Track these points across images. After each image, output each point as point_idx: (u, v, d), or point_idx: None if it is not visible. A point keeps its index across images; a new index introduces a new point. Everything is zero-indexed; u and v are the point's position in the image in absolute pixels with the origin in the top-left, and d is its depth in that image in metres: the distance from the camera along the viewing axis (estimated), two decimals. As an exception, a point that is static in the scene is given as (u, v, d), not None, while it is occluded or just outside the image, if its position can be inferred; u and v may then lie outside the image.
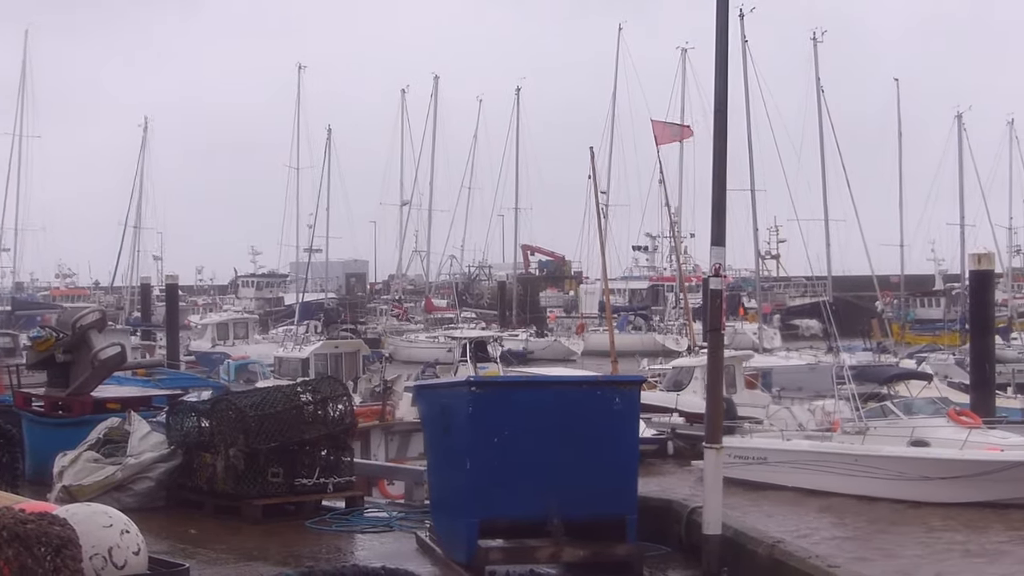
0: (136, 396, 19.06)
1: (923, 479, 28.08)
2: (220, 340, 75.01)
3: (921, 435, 29.22)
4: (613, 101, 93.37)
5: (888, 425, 30.15)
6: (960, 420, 29.54)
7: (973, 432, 28.78)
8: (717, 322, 13.49)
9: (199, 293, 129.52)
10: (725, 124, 13.49)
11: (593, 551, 12.08)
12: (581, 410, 12.30)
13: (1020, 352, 63.03)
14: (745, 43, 62.99)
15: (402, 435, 31.65)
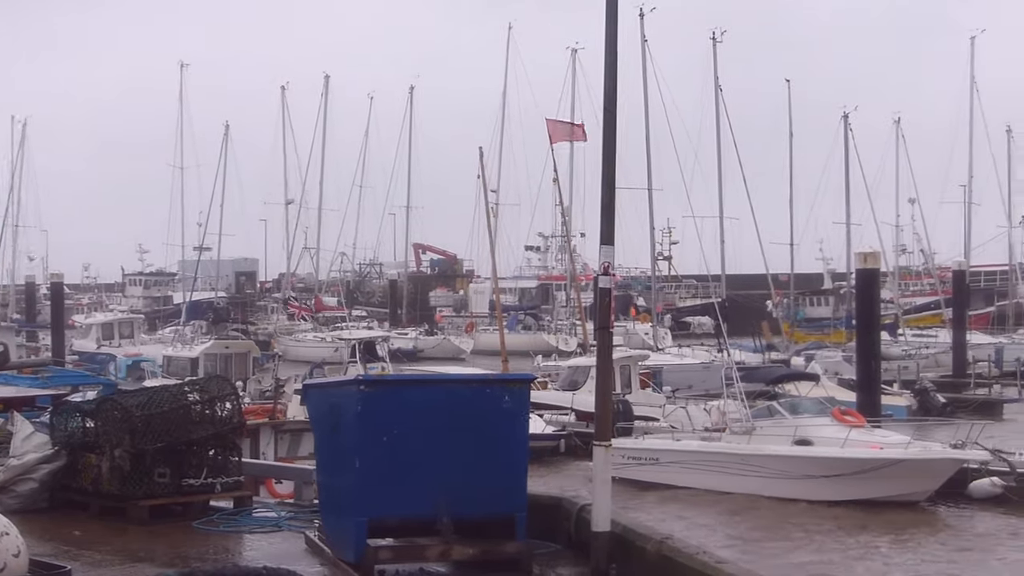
0: (19, 396, 18.77)
1: (806, 477, 28.46)
2: (105, 340, 73.93)
3: (805, 434, 29.59)
4: (503, 100, 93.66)
5: (774, 425, 30.51)
6: (843, 419, 29.95)
7: (856, 431, 29.18)
8: (606, 321, 13.56)
9: (85, 291, 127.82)
10: (614, 124, 13.55)
11: (483, 549, 12.09)
12: (471, 408, 12.31)
13: (905, 349, 64.19)
14: (645, 43, 63.32)
15: (292, 434, 31.44)
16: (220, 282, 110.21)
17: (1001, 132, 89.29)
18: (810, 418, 30.24)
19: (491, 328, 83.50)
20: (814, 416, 30.36)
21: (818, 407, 31.05)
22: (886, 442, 29.04)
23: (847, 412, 30.79)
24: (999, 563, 23.40)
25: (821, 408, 30.88)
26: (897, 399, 44.30)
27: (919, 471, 27.84)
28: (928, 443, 29.22)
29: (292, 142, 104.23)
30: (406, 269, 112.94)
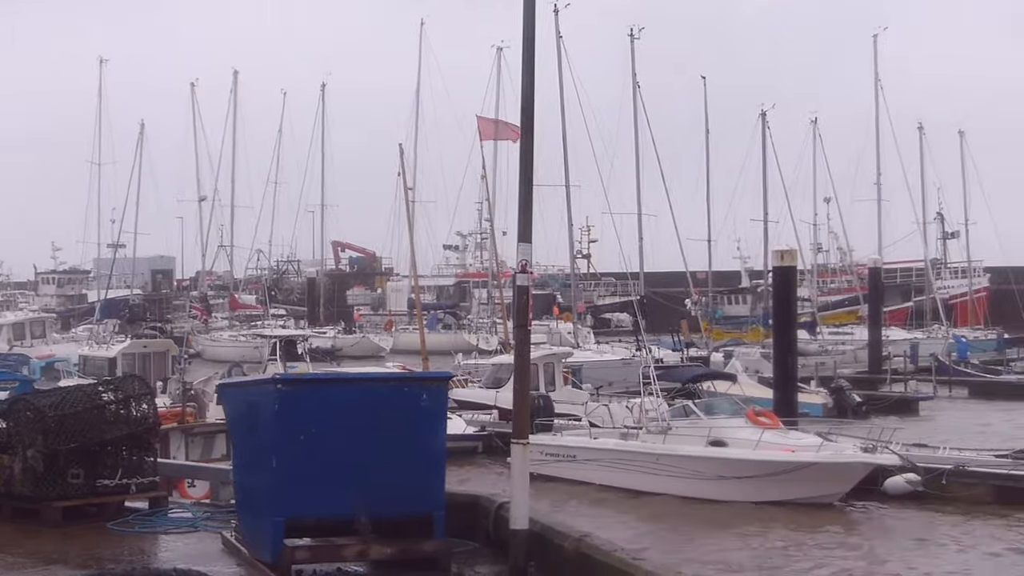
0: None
1: (719, 478, 28.62)
2: (17, 341, 72.86)
3: (720, 435, 29.73)
4: (417, 97, 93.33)
5: (690, 425, 30.63)
6: (758, 420, 30.11)
7: (769, 432, 29.35)
8: (524, 319, 13.55)
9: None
10: (532, 122, 13.56)
11: (401, 548, 12.06)
12: (389, 407, 12.27)
13: (822, 346, 64.83)
14: (560, 39, 63.38)
15: (205, 437, 31.14)
16: (136, 280, 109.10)
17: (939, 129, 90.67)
18: (725, 419, 30.39)
19: (411, 327, 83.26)
20: (729, 417, 30.52)
21: (733, 408, 31.21)
22: (799, 444, 29.24)
23: (761, 413, 30.97)
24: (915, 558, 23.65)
25: (736, 409, 31.03)
26: (813, 397, 44.65)
27: (830, 474, 28.08)
28: (840, 446, 29.44)
29: (204, 139, 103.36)
30: (323, 267, 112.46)
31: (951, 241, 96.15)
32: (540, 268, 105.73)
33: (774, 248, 49.17)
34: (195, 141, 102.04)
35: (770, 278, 69.18)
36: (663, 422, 30.68)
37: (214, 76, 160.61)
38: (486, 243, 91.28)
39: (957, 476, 28.41)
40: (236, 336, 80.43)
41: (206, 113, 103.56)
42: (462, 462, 31.83)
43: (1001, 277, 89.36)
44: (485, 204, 78.70)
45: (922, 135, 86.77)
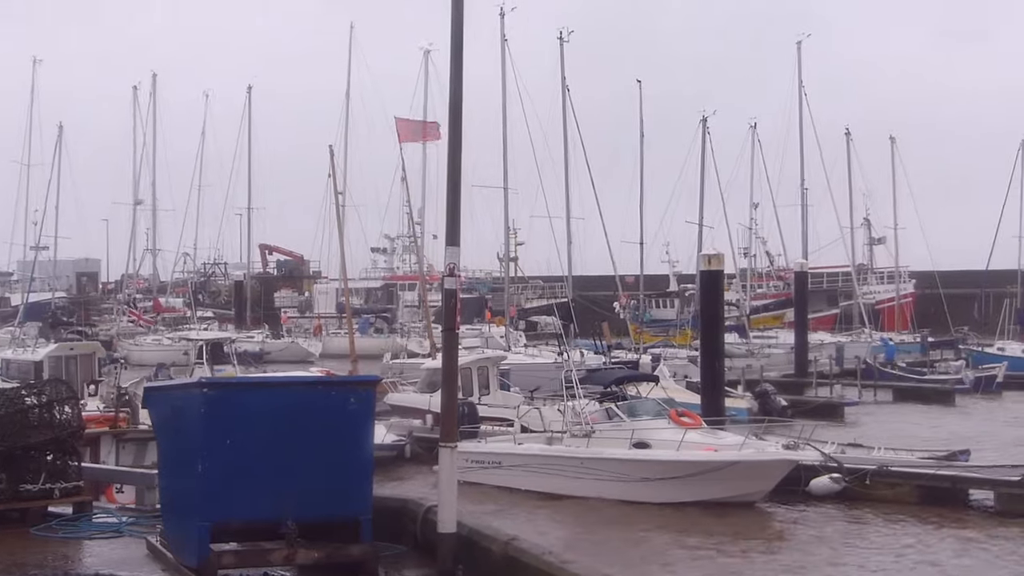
0: None
1: (644, 480, 28.67)
2: (-67, 346, 71.72)
3: (643, 437, 29.78)
4: (347, 100, 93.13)
5: (613, 427, 30.67)
6: (680, 421, 30.18)
7: (693, 432, 29.43)
8: (452, 322, 13.55)
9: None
10: (460, 125, 13.56)
11: (328, 552, 12.01)
12: (315, 411, 12.22)
13: (748, 349, 65.24)
14: (505, 42, 63.32)
15: (137, 443, 30.82)
16: (60, 283, 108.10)
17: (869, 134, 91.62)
18: (648, 420, 30.43)
19: (341, 331, 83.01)
20: (652, 418, 30.56)
21: (656, 409, 31.25)
22: (722, 444, 29.38)
23: (684, 413, 31.03)
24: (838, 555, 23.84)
25: (659, 410, 31.08)
26: (739, 402, 44.85)
27: (754, 472, 28.22)
28: (763, 444, 29.62)
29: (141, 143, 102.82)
30: (249, 269, 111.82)
31: (879, 247, 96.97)
32: (469, 272, 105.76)
33: (703, 252, 49.39)
34: (134, 143, 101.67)
35: (697, 281, 69.79)
36: (586, 425, 30.67)
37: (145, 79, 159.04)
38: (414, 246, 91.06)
39: (881, 476, 28.63)
40: (160, 340, 79.70)
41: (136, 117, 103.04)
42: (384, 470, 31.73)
43: (927, 281, 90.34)
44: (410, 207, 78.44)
45: (849, 140, 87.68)
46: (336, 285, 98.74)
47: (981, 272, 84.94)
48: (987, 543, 24.40)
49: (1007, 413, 49.93)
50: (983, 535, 25.08)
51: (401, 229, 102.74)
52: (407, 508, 13.88)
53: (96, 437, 28.90)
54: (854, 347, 67.06)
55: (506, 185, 62.75)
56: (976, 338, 71.99)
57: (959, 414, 49.84)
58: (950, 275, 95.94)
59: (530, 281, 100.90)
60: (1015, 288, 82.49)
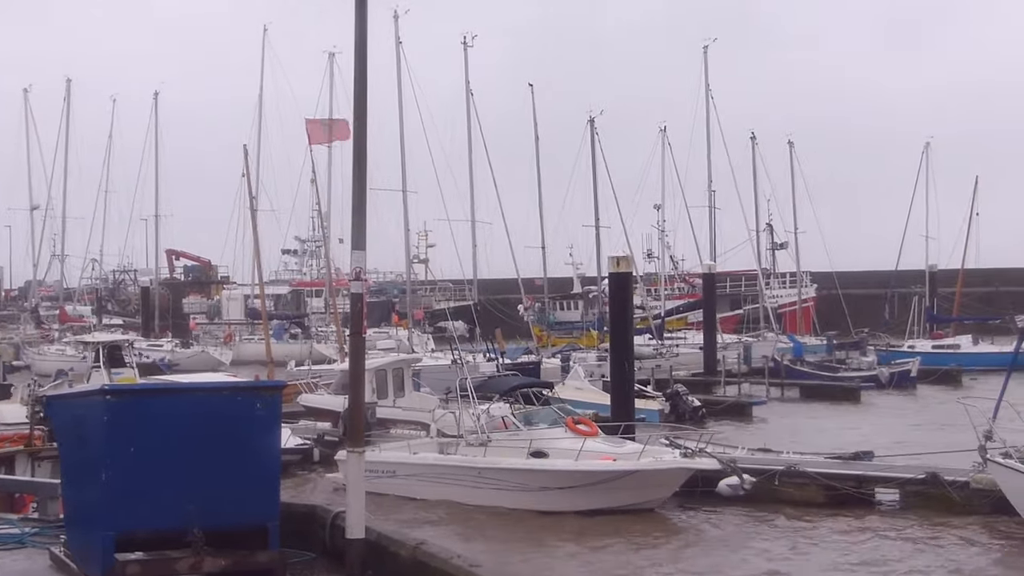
0: None
1: (543, 489, 28.62)
2: None
3: (541, 446, 29.68)
4: (259, 103, 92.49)
5: (509, 436, 30.55)
6: (577, 429, 30.15)
7: (591, 441, 29.43)
8: (358, 326, 13.50)
9: None
10: (364, 129, 13.51)
11: (235, 560, 11.91)
12: (222, 417, 12.12)
13: (656, 349, 65.58)
14: (399, 45, 63.29)
15: (54, 462, 30.24)
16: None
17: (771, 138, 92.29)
18: (545, 429, 30.36)
19: (253, 337, 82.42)
20: (549, 427, 30.49)
21: (552, 417, 31.19)
22: (620, 452, 29.41)
23: (580, 421, 31.01)
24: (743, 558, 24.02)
25: (555, 419, 31.02)
26: (651, 403, 45.06)
27: (652, 481, 28.34)
28: (660, 451, 29.70)
29: (38, 146, 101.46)
30: (157, 276, 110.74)
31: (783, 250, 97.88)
32: (378, 275, 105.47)
33: (609, 254, 49.51)
34: (28, 148, 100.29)
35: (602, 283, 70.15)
36: (482, 434, 30.50)
37: (46, 81, 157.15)
38: (321, 251, 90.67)
39: (789, 477, 28.87)
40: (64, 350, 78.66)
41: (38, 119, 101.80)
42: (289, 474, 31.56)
43: (828, 282, 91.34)
44: (319, 209, 78.19)
45: (754, 145, 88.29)
46: (245, 291, 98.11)
47: (890, 272, 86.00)
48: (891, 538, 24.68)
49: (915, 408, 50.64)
50: (886, 530, 25.38)
51: (311, 232, 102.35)
52: (315, 514, 13.82)
53: (10, 456, 28.40)
54: (761, 347, 67.65)
55: (405, 188, 62.66)
56: (881, 338, 72.93)
57: (867, 412, 50.46)
58: (859, 276, 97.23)
59: (439, 283, 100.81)
60: (922, 288, 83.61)
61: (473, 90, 72.34)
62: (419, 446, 32.26)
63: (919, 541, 24.41)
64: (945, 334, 75.94)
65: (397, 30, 63.49)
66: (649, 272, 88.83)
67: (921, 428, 43.25)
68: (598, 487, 28.11)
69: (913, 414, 48.62)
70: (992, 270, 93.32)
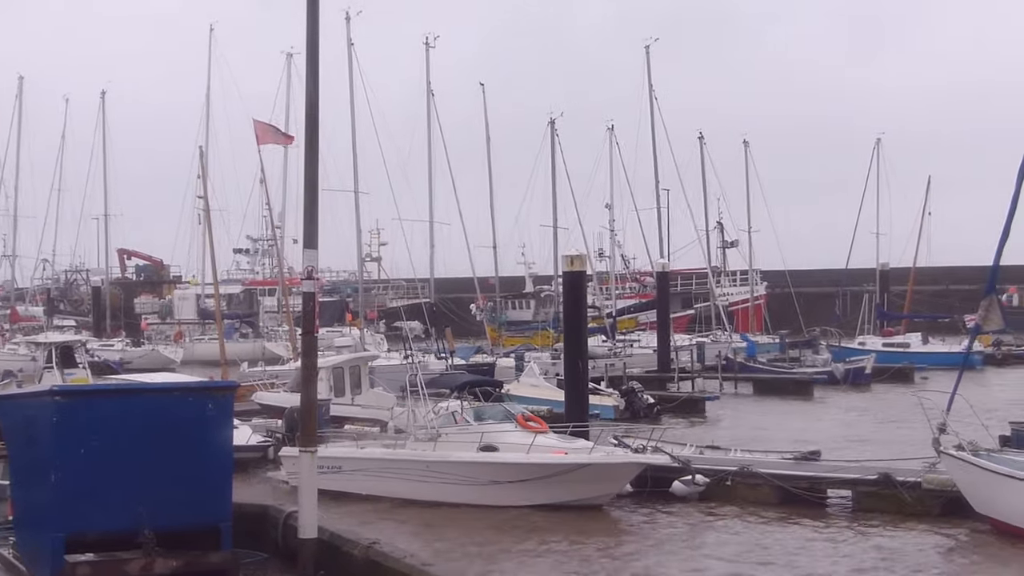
0: None
1: (492, 483, 28.59)
2: None
3: (491, 440, 29.66)
4: (207, 103, 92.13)
5: (459, 431, 30.50)
6: (527, 426, 30.16)
7: (542, 437, 29.41)
8: (310, 325, 13.47)
9: None
10: (316, 129, 13.49)
11: (187, 561, 11.88)
12: (173, 417, 12.09)
13: (611, 348, 65.72)
14: (351, 46, 63.17)
15: (3, 463, 29.96)
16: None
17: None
18: (495, 424, 30.36)
19: (205, 337, 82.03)
20: (499, 422, 30.49)
21: (503, 414, 31.19)
22: (570, 447, 29.46)
23: (530, 418, 31.07)
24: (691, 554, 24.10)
25: (505, 415, 31.04)
26: (606, 400, 45.19)
27: (602, 475, 28.36)
28: (611, 447, 29.77)
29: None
30: (108, 275, 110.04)
31: (732, 249, 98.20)
32: (331, 274, 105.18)
33: (564, 253, 49.56)
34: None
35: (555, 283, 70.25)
36: (432, 429, 30.45)
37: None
38: (273, 249, 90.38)
39: (742, 477, 28.94)
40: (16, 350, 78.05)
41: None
42: (248, 471, 31.43)
43: (780, 280, 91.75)
44: (270, 210, 77.93)
45: (702, 144, 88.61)
46: (196, 290, 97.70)
47: (841, 271, 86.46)
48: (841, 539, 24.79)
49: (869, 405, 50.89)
50: (837, 531, 25.49)
51: (263, 232, 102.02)
52: (268, 514, 13.80)
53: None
54: (715, 347, 67.90)
55: (357, 189, 62.52)
56: (833, 336, 73.30)
57: (820, 407, 50.70)
58: (812, 274, 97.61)
59: (392, 282, 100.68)
60: (873, 286, 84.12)
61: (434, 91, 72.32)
62: (366, 441, 32.16)
63: (869, 541, 24.51)
64: (896, 331, 76.43)
65: (349, 31, 63.48)
66: (601, 271, 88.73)
67: (876, 424, 43.51)
68: (548, 481, 28.11)
69: (867, 410, 48.81)
70: (943, 268, 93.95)
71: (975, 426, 26.14)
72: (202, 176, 60.91)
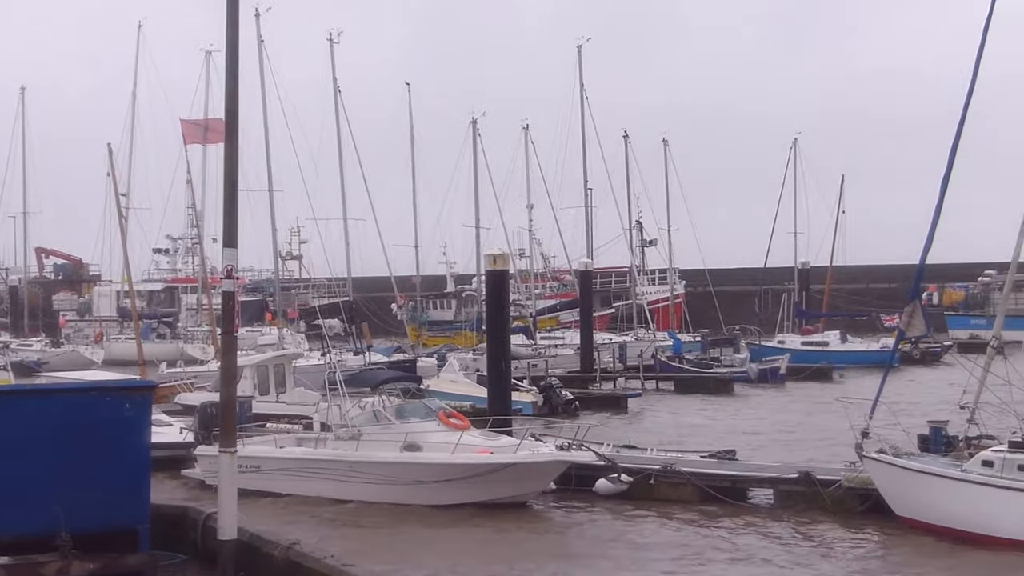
0: None
1: (417, 483, 28.48)
2: None
3: (414, 439, 29.46)
4: (133, 100, 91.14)
5: (382, 430, 30.30)
6: (450, 423, 30.04)
7: (467, 435, 29.32)
8: (230, 325, 13.38)
9: None
10: (236, 127, 13.40)
11: (104, 563, 11.77)
12: (90, 418, 11.96)
13: (535, 350, 65.82)
14: (261, 43, 62.80)
15: None
16: None
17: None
18: (418, 423, 30.14)
19: (122, 337, 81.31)
20: (422, 421, 30.29)
21: (424, 411, 30.96)
22: (495, 445, 29.40)
23: (452, 415, 30.92)
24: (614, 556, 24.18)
25: (427, 412, 30.82)
26: (525, 396, 45.35)
27: (529, 473, 28.36)
28: (537, 445, 29.75)
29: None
30: (26, 274, 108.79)
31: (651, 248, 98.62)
32: (253, 272, 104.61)
33: (486, 252, 49.58)
34: None
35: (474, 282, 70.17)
36: (353, 428, 30.24)
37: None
38: (196, 248, 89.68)
39: (665, 476, 29.04)
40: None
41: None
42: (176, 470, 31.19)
43: (700, 279, 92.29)
44: (195, 209, 77.36)
45: (627, 143, 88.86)
46: (116, 287, 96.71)
47: (759, 269, 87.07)
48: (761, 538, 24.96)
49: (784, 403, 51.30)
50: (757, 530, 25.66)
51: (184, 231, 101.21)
52: (187, 515, 13.70)
53: None
54: (637, 345, 68.14)
55: (271, 188, 62.13)
56: (752, 335, 73.83)
57: (738, 405, 51.00)
58: (732, 273, 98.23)
59: (313, 281, 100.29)
60: (793, 284, 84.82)
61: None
62: (284, 440, 31.86)
63: (787, 540, 24.69)
64: (815, 330, 77.11)
65: (259, 28, 62.93)
66: (521, 269, 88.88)
67: (795, 423, 43.83)
68: (474, 480, 28.08)
69: (786, 409, 49.12)
70: (862, 267, 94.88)
71: (895, 427, 26.42)
72: (112, 174, 60.10)
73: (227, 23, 13.34)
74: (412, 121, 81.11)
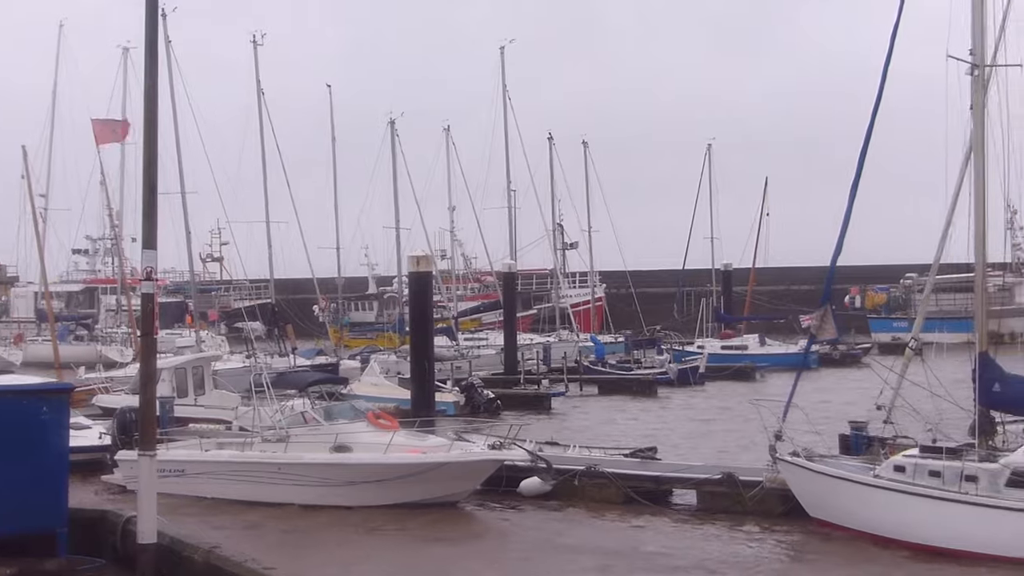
0: None
1: (348, 484, 28.36)
2: None
3: (344, 440, 29.34)
4: (53, 99, 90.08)
5: (311, 431, 30.15)
6: (379, 424, 29.96)
7: (397, 435, 29.26)
8: (149, 327, 13.27)
9: None
10: (155, 129, 13.29)
11: (20, 568, 11.64)
12: (6, 421, 11.83)
13: (457, 350, 65.83)
14: (169, 43, 62.31)
15: None
16: None
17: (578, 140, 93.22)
18: (346, 424, 30.01)
19: (40, 339, 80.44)
20: (350, 422, 30.17)
21: (352, 412, 30.87)
22: (426, 445, 29.37)
23: (381, 416, 30.83)
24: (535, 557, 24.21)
25: (356, 413, 30.73)
26: (447, 396, 45.46)
27: (461, 473, 28.37)
28: (468, 444, 29.77)
29: None
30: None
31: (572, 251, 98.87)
32: (174, 275, 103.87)
33: (409, 254, 49.52)
34: None
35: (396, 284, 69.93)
36: (281, 430, 30.07)
37: None
38: (114, 248, 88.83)
39: (589, 477, 29.10)
40: None
41: None
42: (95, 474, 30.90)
43: (621, 281, 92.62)
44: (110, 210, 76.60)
45: (551, 145, 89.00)
46: (34, 288, 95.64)
47: (678, 271, 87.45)
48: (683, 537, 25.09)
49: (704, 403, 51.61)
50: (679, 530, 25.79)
51: (103, 231, 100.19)
52: (106, 519, 13.57)
53: None
54: (560, 348, 68.25)
55: (184, 190, 61.57)
56: (674, 336, 74.13)
57: (660, 407, 51.26)
58: (654, 275, 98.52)
59: (235, 283, 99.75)
60: (713, 286, 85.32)
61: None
62: (209, 443, 31.56)
63: (710, 539, 24.84)
64: (736, 333, 77.51)
65: (165, 28, 62.36)
66: (443, 270, 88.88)
67: (716, 423, 44.16)
68: (405, 480, 28.00)
69: (706, 409, 49.45)
70: (784, 269, 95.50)
71: (809, 431, 26.65)
72: (27, 176, 59.47)
73: (146, 21, 13.24)
74: (333, 123, 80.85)
